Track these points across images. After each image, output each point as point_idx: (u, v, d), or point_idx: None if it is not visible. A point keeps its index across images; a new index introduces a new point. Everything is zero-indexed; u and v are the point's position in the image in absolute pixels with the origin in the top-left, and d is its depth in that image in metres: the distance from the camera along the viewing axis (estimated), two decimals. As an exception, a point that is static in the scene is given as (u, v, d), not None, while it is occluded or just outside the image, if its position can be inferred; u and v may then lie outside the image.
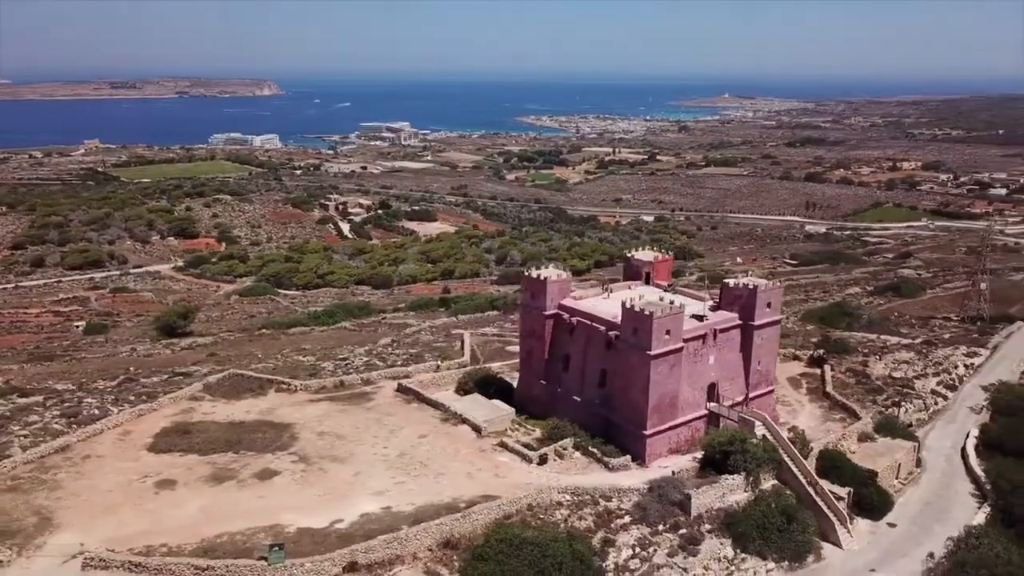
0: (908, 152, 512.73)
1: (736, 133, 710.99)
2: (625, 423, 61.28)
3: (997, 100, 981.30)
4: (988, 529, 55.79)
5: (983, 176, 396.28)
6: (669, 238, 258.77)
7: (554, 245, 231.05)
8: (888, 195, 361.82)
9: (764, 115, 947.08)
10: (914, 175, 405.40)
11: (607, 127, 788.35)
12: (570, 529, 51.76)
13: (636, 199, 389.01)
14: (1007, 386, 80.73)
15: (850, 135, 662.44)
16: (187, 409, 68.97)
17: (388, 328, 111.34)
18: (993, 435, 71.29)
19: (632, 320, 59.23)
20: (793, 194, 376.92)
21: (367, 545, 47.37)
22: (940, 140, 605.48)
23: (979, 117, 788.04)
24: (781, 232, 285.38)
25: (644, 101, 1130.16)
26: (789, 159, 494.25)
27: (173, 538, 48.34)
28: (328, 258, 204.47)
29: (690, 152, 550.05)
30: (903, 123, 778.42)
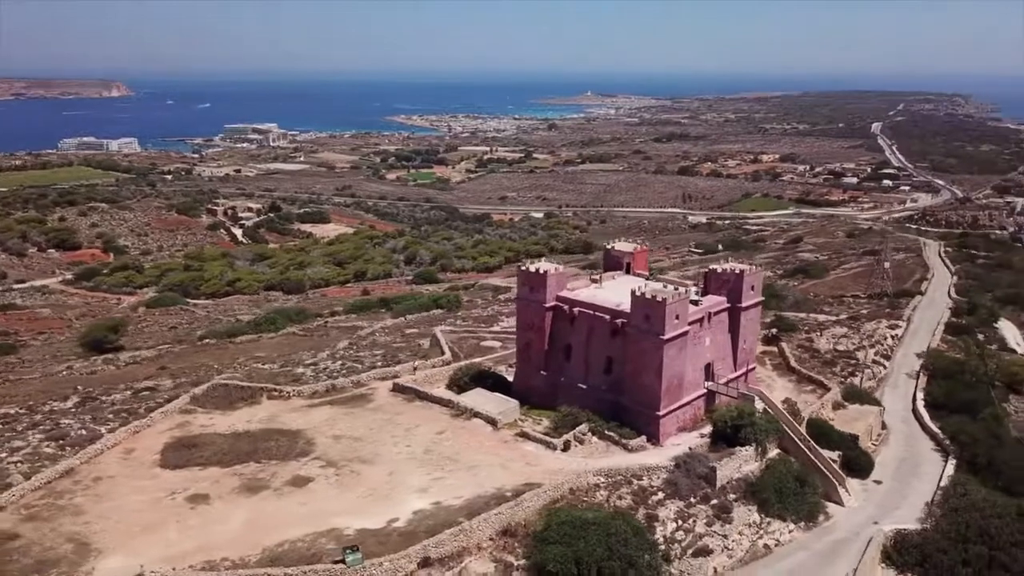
0: (765, 145, 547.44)
1: (603, 130, 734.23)
2: (637, 405, 64.31)
3: (832, 96, 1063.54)
4: (967, 477, 62.83)
5: (835, 166, 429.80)
6: (565, 233, 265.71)
7: (459, 243, 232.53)
8: (755, 186, 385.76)
9: (626, 112, 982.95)
10: (775, 167, 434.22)
11: (478, 126, 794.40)
12: (614, 508, 54.30)
13: (521, 196, 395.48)
14: (936, 352, 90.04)
15: (709, 130, 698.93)
16: (182, 423, 66.29)
17: (339, 332, 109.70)
18: (937, 396, 79.58)
19: (643, 307, 62.28)
20: (669, 187, 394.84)
21: (437, 540, 48.06)
22: (790, 134, 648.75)
23: (820, 112, 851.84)
24: (666, 223, 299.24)
25: (511, 100, 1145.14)
26: (659, 154, 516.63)
27: (231, 551, 47.24)
28: (230, 265, 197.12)
29: (564, 150, 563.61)
30: (754, 118, 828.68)
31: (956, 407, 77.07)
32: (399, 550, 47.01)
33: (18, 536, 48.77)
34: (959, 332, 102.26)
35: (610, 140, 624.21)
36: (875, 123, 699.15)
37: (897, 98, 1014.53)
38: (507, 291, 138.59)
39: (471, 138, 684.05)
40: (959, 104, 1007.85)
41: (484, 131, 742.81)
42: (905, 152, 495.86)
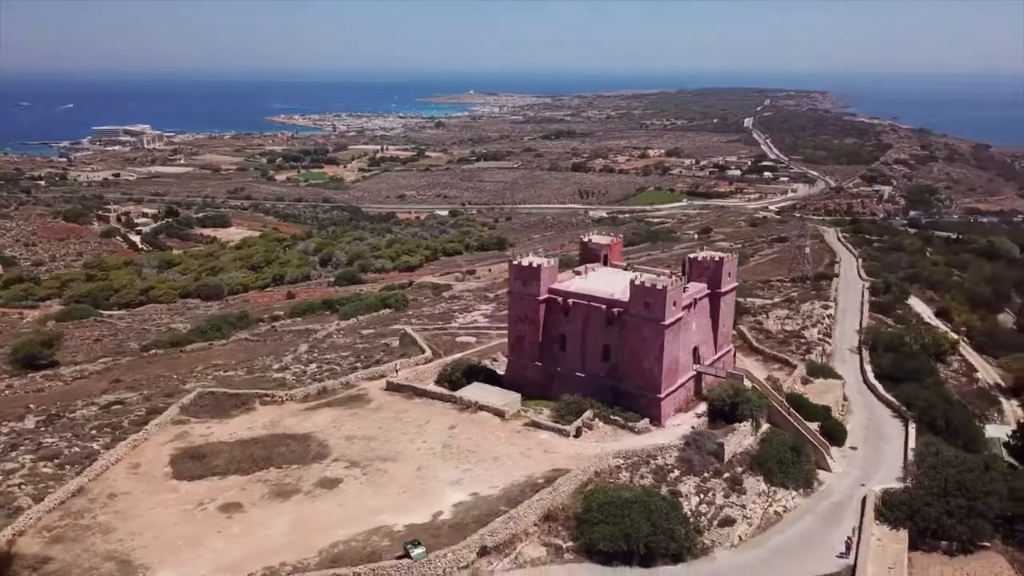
0: (649, 141, 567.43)
1: (491, 128, 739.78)
2: (637, 390, 67.15)
3: (704, 93, 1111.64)
4: (935, 439, 69.29)
5: (719, 160, 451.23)
6: (476, 230, 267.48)
7: (373, 243, 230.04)
8: (647, 180, 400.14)
9: (510, 110, 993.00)
10: (664, 162, 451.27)
11: (364, 125, 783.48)
12: (640, 487, 56.92)
13: (420, 195, 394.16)
14: (875, 329, 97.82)
15: (593, 127, 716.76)
16: (180, 434, 64.14)
17: (293, 335, 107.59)
18: (884, 368, 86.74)
19: (643, 295, 65.16)
20: (565, 184, 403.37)
21: (491, 528, 49.28)
22: (671, 129, 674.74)
23: (694, 108, 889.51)
24: (570, 218, 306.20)
25: (395, 98, 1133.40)
26: (550, 151, 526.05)
27: (287, 556, 46.83)
28: (137, 273, 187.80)
29: (455, 147, 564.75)
30: (633, 115, 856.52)
31: (902, 376, 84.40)
32: (454, 542, 47.91)
33: (51, 559, 46.57)
34: (883, 310, 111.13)
35: (499, 138, 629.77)
36: (747, 118, 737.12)
37: (763, 95, 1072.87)
38: (447, 288, 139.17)
39: (358, 137, 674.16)
40: (817, 99, 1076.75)
41: (371, 130, 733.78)
42: (779, 145, 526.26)
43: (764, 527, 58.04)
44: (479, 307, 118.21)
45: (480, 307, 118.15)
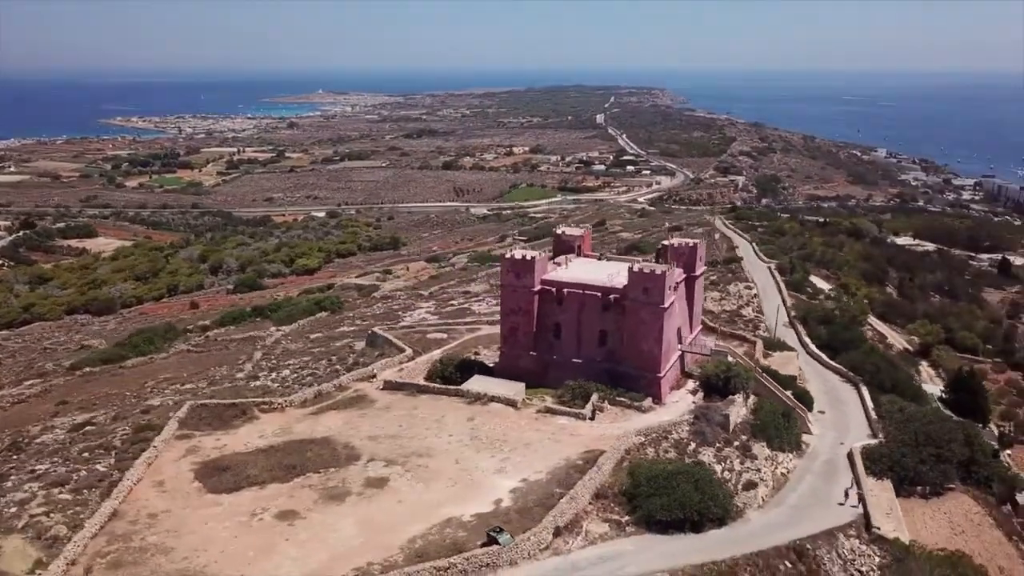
0: (511, 139, 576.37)
1: (347, 128, 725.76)
2: (637, 371, 70.74)
3: (553, 91, 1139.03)
4: (893, 397, 77.23)
5: (582, 155, 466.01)
6: (362, 230, 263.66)
7: (262, 248, 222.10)
8: (518, 177, 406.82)
9: (363, 109, 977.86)
10: (530, 159, 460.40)
11: (211, 127, 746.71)
12: (667, 460, 60.43)
13: (288, 196, 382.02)
14: (804, 303, 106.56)
15: (453, 126, 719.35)
16: (191, 448, 61.38)
17: (239, 344, 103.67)
18: (822, 338, 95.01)
19: (642, 280, 68.76)
20: (438, 182, 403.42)
21: (559, 510, 51.17)
22: (528, 127, 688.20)
23: (546, 105, 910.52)
24: (452, 216, 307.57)
25: (241, 99, 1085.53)
26: (415, 150, 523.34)
27: (370, 555, 46.77)
28: (8, 289, 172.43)
29: (316, 148, 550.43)
30: (488, 113, 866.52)
31: (839, 346, 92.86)
32: (525, 526, 49.41)
33: (121, 585, 44.10)
34: (794, 288, 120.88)
35: (360, 137, 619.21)
36: (598, 115, 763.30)
37: (608, 92, 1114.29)
38: (374, 289, 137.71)
39: (208, 139, 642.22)
40: (657, 96, 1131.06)
41: (220, 132, 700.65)
42: (635, 140, 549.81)
43: (777, 488, 63.04)
44: (419, 305, 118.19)
45: (421, 305, 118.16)
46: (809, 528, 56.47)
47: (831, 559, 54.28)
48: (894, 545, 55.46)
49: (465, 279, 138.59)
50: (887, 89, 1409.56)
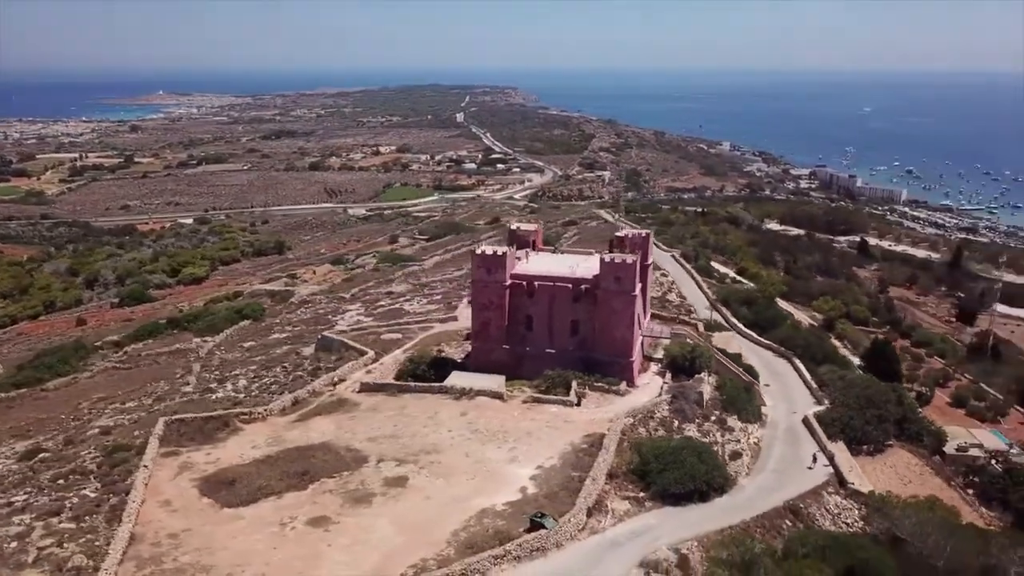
0: (375, 138, 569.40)
1: (196, 130, 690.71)
2: (610, 357, 73.86)
3: (407, 91, 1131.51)
4: (830, 367, 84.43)
5: (451, 154, 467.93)
6: (239, 236, 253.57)
7: (138, 258, 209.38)
8: (390, 177, 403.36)
9: (209, 111, 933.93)
10: (400, 158, 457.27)
11: (42, 131, 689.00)
12: (659, 437, 63.92)
13: (146, 204, 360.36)
14: (727, 287, 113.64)
15: (311, 126, 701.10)
16: (183, 465, 58.68)
17: (169, 357, 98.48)
18: (749, 317, 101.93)
19: (614, 270, 71.96)
20: (307, 184, 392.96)
21: (586, 492, 53.34)
22: (390, 127, 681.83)
23: (403, 105, 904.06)
24: (332, 218, 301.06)
25: (71, 101, 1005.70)
26: (276, 152, 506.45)
27: (422, 552, 47.00)
28: None
29: (168, 151, 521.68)
30: (345, 113, 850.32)
31: (765, 324, 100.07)
32: (560, 511, 51.06)
33: (172, 608, 42.29)
34: (702, 273, 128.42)
35: (213, 140, 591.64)
36: (458, 113, 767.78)
37: (463, 91, 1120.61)
38: (289, 295, 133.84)
39: (42, 145, 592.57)
40: (510, 95, 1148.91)
41: (54, 136, 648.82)
42: (499, 139, 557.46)
43: (756, 456, 67.93)
44: (347, 308, 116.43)
45: (348, 308, 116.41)
46: (795, 489, 61.41)
47: (821, 514, 59.45)
48: (870, 497, 61.44)
49: (382, 280, 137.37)
50: (723, 87, 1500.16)
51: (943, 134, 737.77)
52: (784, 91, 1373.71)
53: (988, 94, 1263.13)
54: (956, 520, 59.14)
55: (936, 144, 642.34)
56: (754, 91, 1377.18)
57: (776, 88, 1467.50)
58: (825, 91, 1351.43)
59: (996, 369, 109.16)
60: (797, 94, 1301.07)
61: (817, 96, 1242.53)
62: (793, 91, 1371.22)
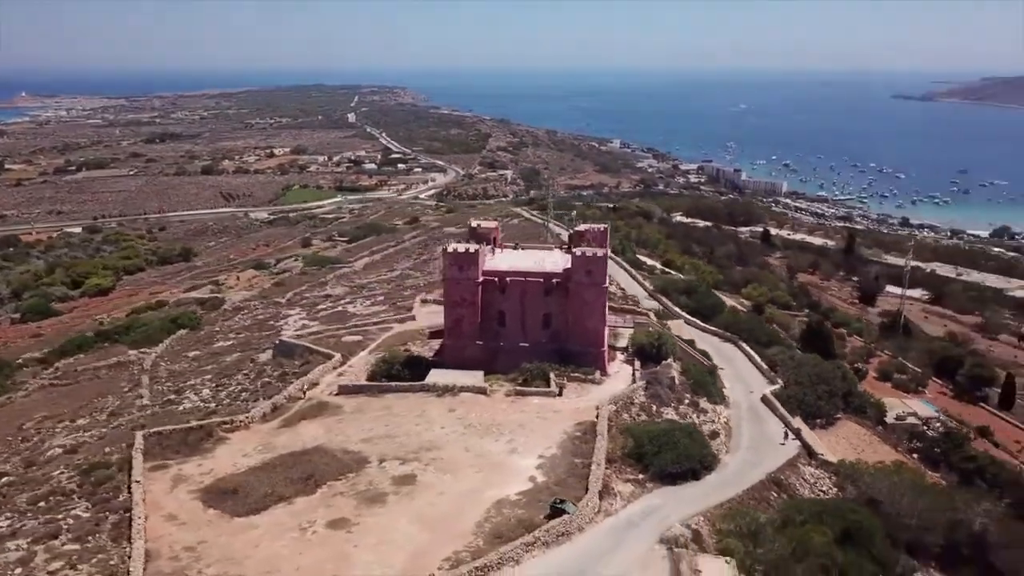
0: (268, 140, 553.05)
1: (67, 134, 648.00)
2: (583, 347, 76.01)
3: (292, 91, 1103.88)
4: (779, 348, 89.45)
5: (350, 155, 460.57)
6: (138, 244, 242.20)
7: (31, 269, 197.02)
8: (288, 179, 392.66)
9: (80, 113, 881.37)
10: (296, 159, 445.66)
11: None
12: (643, 422, 66.56)
13: (25, 212, 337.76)
14: (658, 276, 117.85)
15: (197, 128, 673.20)
16: (177, 477, 56.80)
17: (110, 371, 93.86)
18: (691, 307, 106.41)
19: (586, 264, 74.15)
20: (200, 188, 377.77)
21: (595, 477, 55.19)
22: (280, 127, 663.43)
23: (290, 106, 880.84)
24: (233, 222, 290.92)
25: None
26: (162, 156, 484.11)
27: (453, 545, 47.55)
28: None
29: (42, 157, 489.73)
30: (229, 114, 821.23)
31: (707, 311, 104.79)
32: (574, 497, 52.74)
33: (212, 621, 41.36)
34: (633, 265, 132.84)
35: (91, 144, 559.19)
36: (350, 114, 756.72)
37: (351, 91, 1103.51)
38: (220, 303, 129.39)
39: None
40: (399, 95, 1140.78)
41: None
42: (396, 139, 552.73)
43: (729, 435, 71.54)
44: (287, 313, 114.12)
45: (289, 313, 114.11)
46: (773, 463, 65.23)
47: (800, 484, 63.48)
48: (840, 466, 66.00)
49: (314, 283, 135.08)
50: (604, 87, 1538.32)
51: (814, 129, 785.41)
52: (661, 91, 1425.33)
53: (854, 92, 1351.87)
54: (923, 481, 64.29)
55: (808, 139, 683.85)
56: (636, 90, 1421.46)
57: (655, 87, 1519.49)
58: (698, 91, 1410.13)
59: (908, 344, 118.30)
60: (674, 94, 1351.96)
61: (696, 95, 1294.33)
62: (670, 91, 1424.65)
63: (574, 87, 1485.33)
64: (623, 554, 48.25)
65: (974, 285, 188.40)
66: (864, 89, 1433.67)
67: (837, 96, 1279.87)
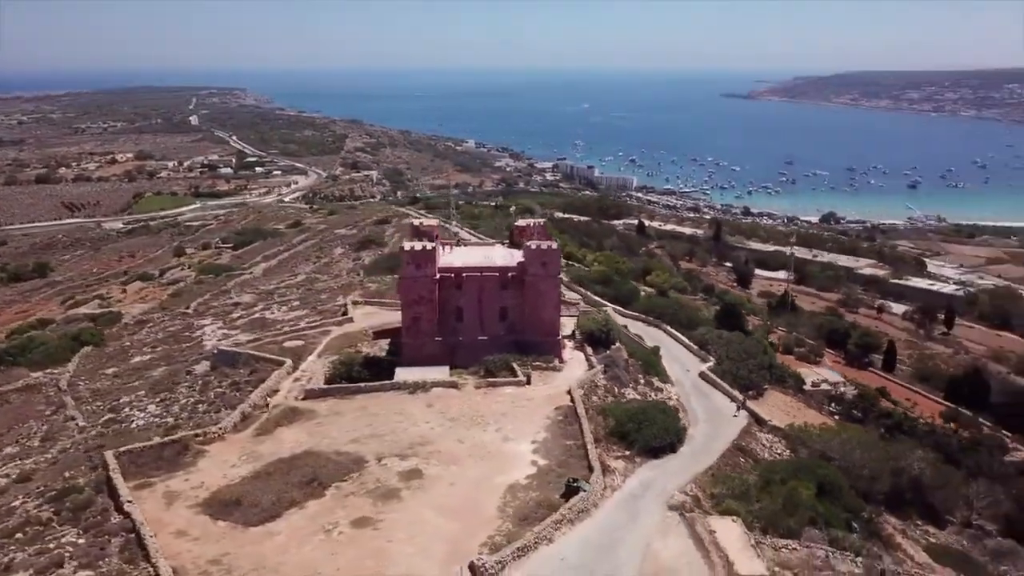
0: (105, 145, 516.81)
1: None
2: (540, 336, 78.65)
3: (121, 93, 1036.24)
4: (707, 328, 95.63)
5: (202, 159, 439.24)
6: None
7: None
8: (137, 186, 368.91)
9: None
10: (144, 165, 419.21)
11: None
12: (613, 402, 70.15)
13: None
14: (569, 268, 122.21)
15: (16, 134, 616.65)
16: (168, 495, 54.24)
17: (24, 395, 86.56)
18: (610, 295, 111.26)
19: (540, 256, 76.82)
20: (37, 198, 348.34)
21: (594, 456, 58.02)
22: (116, 132, 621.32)
23: (123, 109, 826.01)
24: (87, 234, 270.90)
25: None
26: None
27: (481, 535, 48.44)
28: None
29: None
30: (53, 118, 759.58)
31: (624, 298, 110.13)
32: (581, 476, 55.42)
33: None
34: (568, 259, 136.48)
35: None
36: (192, 116, 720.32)
37: (187, 92, 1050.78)
38: (117, 317, 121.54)
39: None
40: (240, 96, 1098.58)
41: None
42: (247, 141, 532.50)
43: (684, 409, 76.28)
44: (200, 324, 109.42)
45: (202, 323, 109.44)
46: (732, 433, 70.46)
47: (760, 449, 69.12)
48: (790, 430, 72.31)
49: (216, 292, 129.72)
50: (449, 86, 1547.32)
51: (653, 126, 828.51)
52: (506, 89, 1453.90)
53: (691, 90, 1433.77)
54: (868, 438, 71.58)
55: (647, 135, 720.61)
56: (478, 90, 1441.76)
57: (499, 87, 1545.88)
58: (544, 92, 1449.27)
59: (797, 320, 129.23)
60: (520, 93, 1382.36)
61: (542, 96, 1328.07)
62: (513, 90, 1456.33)
63: (405, 88, 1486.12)
64: (641, 523, 51.23)
65: (829, 265, 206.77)
66: (698, 87, 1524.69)
67: (676, 95, 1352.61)
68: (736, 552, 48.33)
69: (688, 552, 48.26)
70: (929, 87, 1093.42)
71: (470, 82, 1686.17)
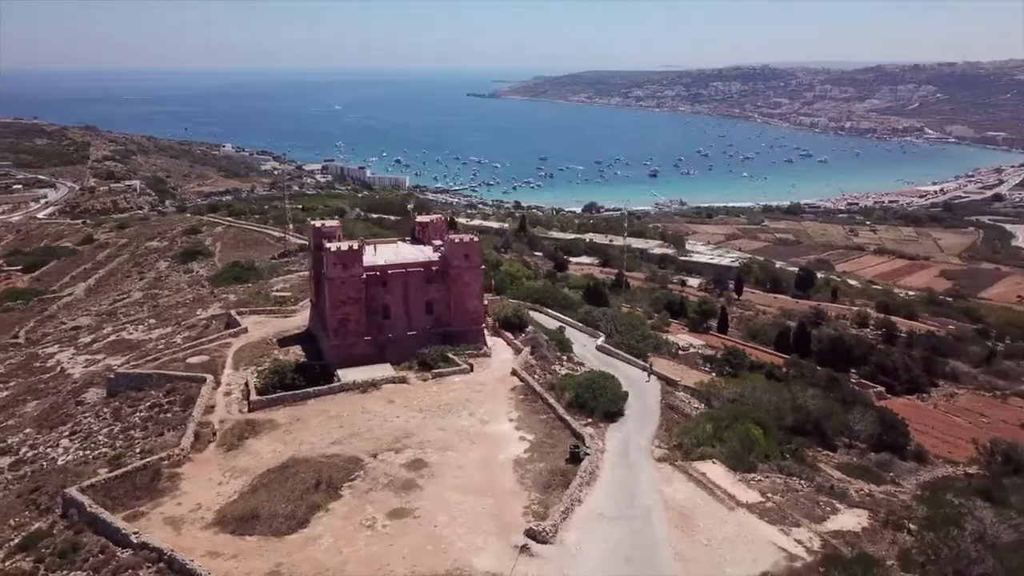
0: None
1: None
2: (467, 326, 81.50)
3: None
4: (589, 307, 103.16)
5: None
6: None
7: None
8: None
9: None
10: None
11: None
12: (554, 379, 75.33)
13: None
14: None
15: None
16: (171, 521, 50.86)
17: None
18: (485, 286, 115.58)
19: (463, 248, 79.81)
20: None
21: (576, 424, 63.04)
22: None
23: None
24: None
25: None
26: None
27: (517, 504, 51.62)
28: None
29: None
30: None
31: (498, 288, 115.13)
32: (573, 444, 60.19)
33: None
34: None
35: None
36: None
37: None
38: None
39: None
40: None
41: None
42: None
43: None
44: (48, 350, 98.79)
45: (48, 350, 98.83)
46: (656, 395, 77.93)
47: (684, 405, 77.39)
48: (701, 386, 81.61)
49: (42, 318, 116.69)
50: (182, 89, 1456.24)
51: (407, 126, 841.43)
52: (248, 91, 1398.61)
53: (430, 89, 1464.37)
54: (764, 383, 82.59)
55: (406, 135, 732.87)
56: (217, 92, 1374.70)
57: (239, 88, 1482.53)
58: (286, 91, 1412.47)
59: (635, 297, 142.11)
60: (266, 94, 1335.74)
61: (278, 96, 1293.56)
62: (255, 91, 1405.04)
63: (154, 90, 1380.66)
64: (644, 476, 56.87)
65: (627, 248, 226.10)
66: (443, 87, 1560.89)
67: (424, 95, 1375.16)
68: (730, 487, 55.70)
69: (696, 493, 54.72)
70: (651, 85, 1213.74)
71: (210, 84, 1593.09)
